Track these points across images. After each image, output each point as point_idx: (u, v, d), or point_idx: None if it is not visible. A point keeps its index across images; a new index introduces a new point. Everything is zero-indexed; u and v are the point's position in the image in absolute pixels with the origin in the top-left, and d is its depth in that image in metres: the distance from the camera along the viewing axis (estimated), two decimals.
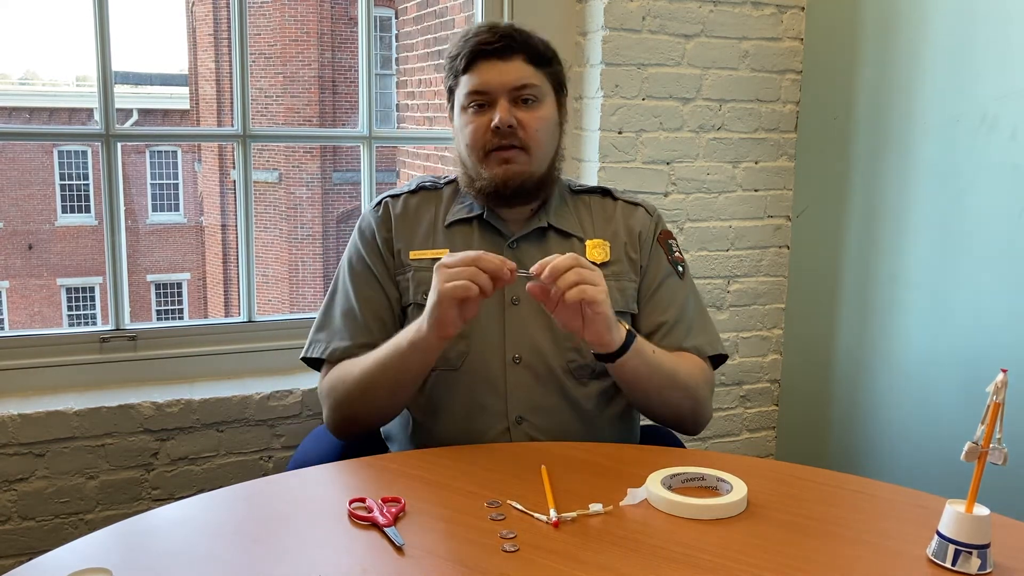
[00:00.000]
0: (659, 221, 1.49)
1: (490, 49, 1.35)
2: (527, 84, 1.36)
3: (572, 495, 1.11)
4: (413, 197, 1.47)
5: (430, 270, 1.33)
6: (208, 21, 13.90)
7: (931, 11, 1.83)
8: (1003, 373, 0.91)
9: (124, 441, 1.73)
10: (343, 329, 1.41)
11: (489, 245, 1.40)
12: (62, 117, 15.52)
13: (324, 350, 1.41)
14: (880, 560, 0.97)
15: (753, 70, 2.10)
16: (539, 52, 1.38)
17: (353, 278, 1.43)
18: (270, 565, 0.94)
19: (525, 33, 1.38)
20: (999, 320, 1.71)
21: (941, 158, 1.82)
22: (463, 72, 1.37)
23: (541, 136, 1.37)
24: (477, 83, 1.35)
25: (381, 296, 1.41)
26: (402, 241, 1.43)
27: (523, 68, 1.36)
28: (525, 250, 1.41)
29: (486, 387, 1.36)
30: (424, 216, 1.45)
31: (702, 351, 1.43)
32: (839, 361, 2.10)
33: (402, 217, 1.45)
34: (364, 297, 1.41)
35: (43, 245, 15.45)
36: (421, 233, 1.44)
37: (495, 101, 1.35)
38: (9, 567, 1.39)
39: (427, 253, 1.41)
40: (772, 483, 1.16)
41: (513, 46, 1.36)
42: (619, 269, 1.42)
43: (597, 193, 1.51)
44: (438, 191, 1.48)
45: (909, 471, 1.91)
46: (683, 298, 1.44)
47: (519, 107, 1.36)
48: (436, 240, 1.42)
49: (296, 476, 1.20)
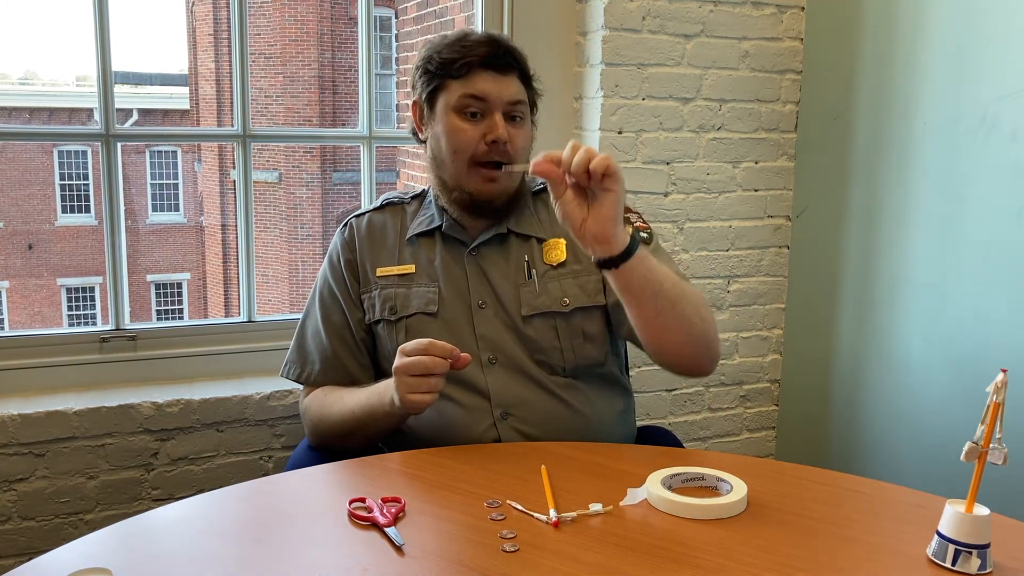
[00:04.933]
0: None
1: (491, 61, 1.36)
2: (520, 101, 1.39)
3: (572, 495, 1.11)
4: (379, 213, 1.51)
5: (396, 286, 1.42)
6: (208, 21, 13.89)
7: (931, 11, 1.82)
8: (1003, 373, 0.91)
9: (124, 441, 1.73)
10: (314, 352, 1.48)
11: (450, 254, 1.44)
12: (62, 117, 15.51)
13: (300, 374, 1.49)
14: (880, 560, 0.97)
15: (753, 70, 2.10)
16: (527, 72, 1.42)
17: (321, 304, 1.49)
18: (270, 565, 0.94)
19: (517, 50, 1.42)
20: (999, 320, 1.71)
21: (941, 158, 1.82)
22: (458, 78, 1.37)
23: (525, 153, 1.41)
24: (476, 90, 1.36)
25: (345, 321, 1.46)
26: (368, 259, 1.46)
27: (517, 85, 1.39)
28: (485, 255, 1.43)
29: (469, 388, 1.38)
30: (389, 232, 1.48)
31: None
32: (839, 361, 2.10)
33: (367, 236, 1.48)
34: (331, 323, 1.47)
35: (43, 245, 15.45)
36: (387, 249, 1.47)
37: (489, 112, 1.36)
38: (9, 567, 1.39)
39: (393, 270, 1.45)
40: (772, 483, 1.16)
41: (511, 62, 1.38)
42: (577, 267, 1.43)
43: None
44: (403, 205, 1.51)
45: (909, 471, 1.91)
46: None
47: (509, 122, 1.37)
48: (401, 255, 1.46)
49: (296, 476, 1.20)
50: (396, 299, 1.42)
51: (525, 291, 1.40)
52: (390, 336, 1.42)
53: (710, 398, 2.23)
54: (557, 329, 1.40)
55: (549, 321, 1.39)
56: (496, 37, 1.41)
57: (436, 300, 1.41)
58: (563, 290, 1.41)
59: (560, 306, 1.40)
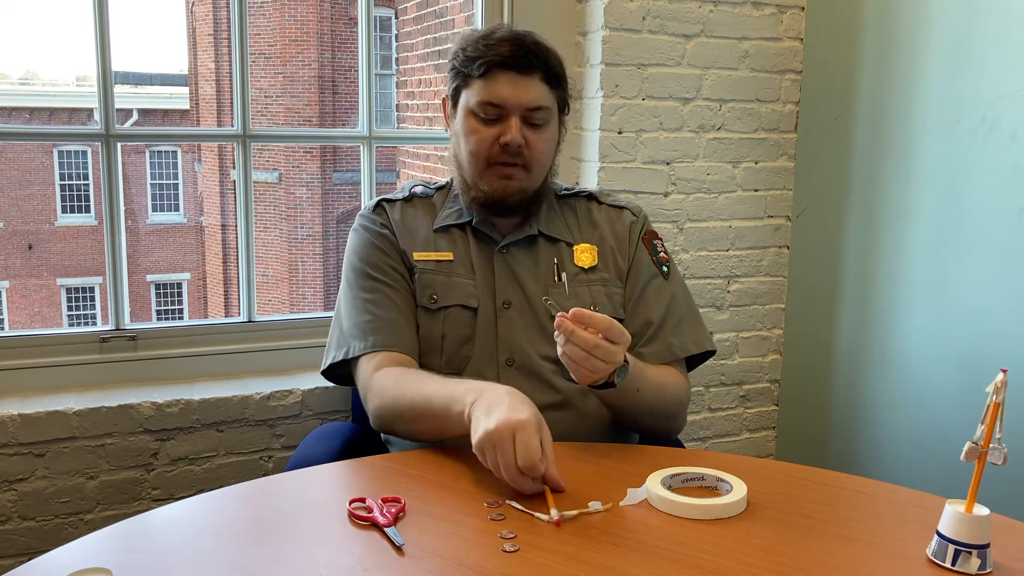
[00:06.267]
0: (644, 222, 1.51)
1: (512, 62, 1.34)
2: (541, 106, 1.36)
3: (572, 495, 1.11)
4: (408, 204, 1.48)
5: (435, 272, 1.39)
6: (208, 21, 13.89)
7: (931, 11, 1.82)
8: (1003, 373, 0.91)
9: (124, 441, 1.73)
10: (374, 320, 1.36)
11: (480, 250, 1.43)
12: (62, 117, 15.51)
13: (364, 346, 1.36)
14: (880, 560, 0.97)
15: (753, 70, 2.10)
16: (555, 72, 1.38)
17: (369, 267, 1.40)
18: (270, 565, 0.94)
19: (544, 49, 1.37)
20: (999, 320, 1.71)
21: (941, 158, 1.82)
22: (478, 77, 1.35)
23: (544, 157, 1.39)
24: (493, 95, 1.34)
25: (402, 281, 1.40)
26: (404, 243, 1.44)
27: (539, 88, 1.36)
28: (514, 255, 1.43)
29: None
30: (421, 222, 1.46)
31: (687, 349, 1.44)
32: (839, 361, 2.10)
33: (401, 222, 1.46)
34: (386, 284, 1.39)
35: (43, 245, 15.44)
36: (422, 236, 1.45)
37: (506, 116, 1.35)
38: (9, 567, 1.39)
39: (431, 255, 1.42)
40: (772, 483, 1.16)
41: (534, 63, 1.35)
42: (606, 275, 1.44)
43: (583, 197, 1.52)
44: (430, 198, 1.49)
45: (909, 471, 1.91)
46: (668, 297, 1.45)
47: (528, 127, 1.36)
48: (438, 243, 1.44)
49: (296, 476, 1.20)
50: (436, 287, 1.40)
51: (555, 293, 1.40)
52: (426, 325, 1.38)
53: (710, 398, 2.23)
54: None
55: None
56: (521, 36, 1.36)
57: (476, 295, 1.39)
58: (592, 296, 1.42)
59: None
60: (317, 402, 1.83)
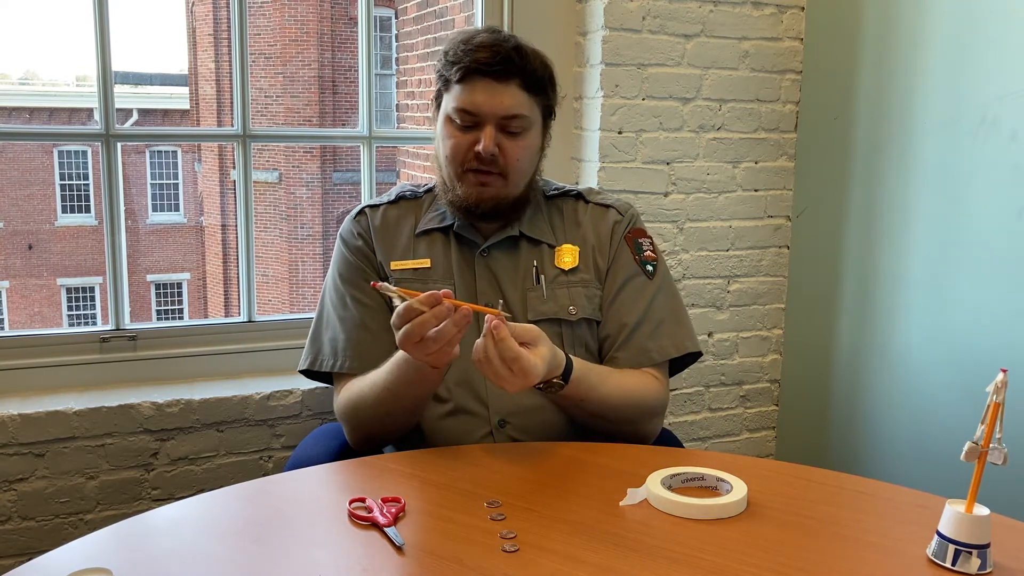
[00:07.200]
0: (631, 220, 1.47)
1: (487, 69, 1.32)
2: (517, 115, 1.34)
3: (572, 495, 1.11)
4: (393, 207, 1.47)
5: (411, 280, 1.39)
6: (208, 21, 13.89)
7: (931, 11, 1.82)
8: (1003, 373, 0.91)
9: (124, 441, 1.73)
10: (344, 341, 1.40)
11: (461, 253, 1.42)
12: (62, 117, 15.51)
13: (333, 364, 1.40)
14: (880, 560, 0.97)
15: (753, 70, 2.10)
16: (536, 78, 1.36)
17: (345, 284, 1.42)
18: (270, 565, 0.94)
19: (526, 55, 1.35)
20: (999, 320, 1.71)
21: (941, 158, 1.82)
22: (456, 83, 1.34)
23: (521, 165, 1.37)
24: (468, 103, 1.33)
25: (377, 296, 1.40)
26: (382, 252, 1.44)
27: (517, 95, 1.34)
28: (496, 258, 1.42)
29: (468, 394, 1.37)
30: (404, 226, 1.46)
31: (665, 352, 1.42)
32: (839, 361, 2.10)
33: (381, 228, 1.45)
34: (359, 303, 1.40)
35: (43, 245, 15.44)
36: (401, 244, 1.44)
37: (482, 124, 1.34)
38: (9, 567, 1.39)
39: (408, 263, 1.42)
40: (772, 483, 1.16)
41: (511, 70, 1.32)
42: (587, 276, 1.43)
43: (571, 196, 1.50)
44: (418, 200, 1.48)
45: (909, 471, 1.91)
46: (648, 298, 1.42)
47: (504, 134, 1.34)
48: (416, 249, 1.43)
49: (296, 476, 1.20)
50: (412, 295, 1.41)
51: (532, 296, 1.40)
52: None
53: (710, 398, 2.23)
54: (562, 337, 1.39)
55: (555, 328, 1.38)
56: (500, 42, 1.34)
57: None
58: (571, 298, 1.40)
59: (567, 314, 1.40)
60: (317, 402, 1.83)
